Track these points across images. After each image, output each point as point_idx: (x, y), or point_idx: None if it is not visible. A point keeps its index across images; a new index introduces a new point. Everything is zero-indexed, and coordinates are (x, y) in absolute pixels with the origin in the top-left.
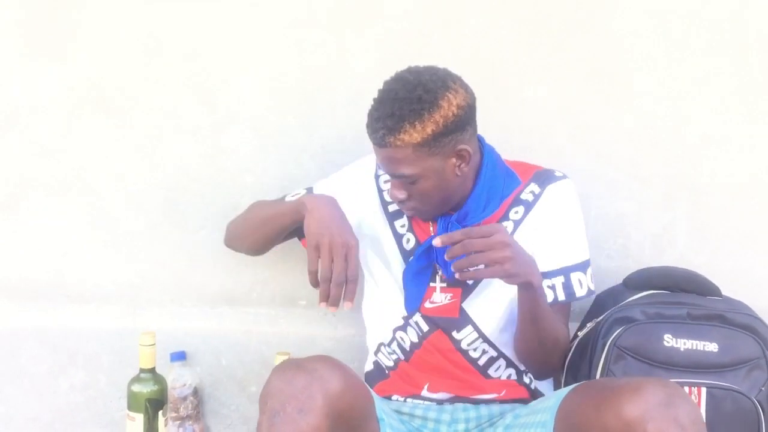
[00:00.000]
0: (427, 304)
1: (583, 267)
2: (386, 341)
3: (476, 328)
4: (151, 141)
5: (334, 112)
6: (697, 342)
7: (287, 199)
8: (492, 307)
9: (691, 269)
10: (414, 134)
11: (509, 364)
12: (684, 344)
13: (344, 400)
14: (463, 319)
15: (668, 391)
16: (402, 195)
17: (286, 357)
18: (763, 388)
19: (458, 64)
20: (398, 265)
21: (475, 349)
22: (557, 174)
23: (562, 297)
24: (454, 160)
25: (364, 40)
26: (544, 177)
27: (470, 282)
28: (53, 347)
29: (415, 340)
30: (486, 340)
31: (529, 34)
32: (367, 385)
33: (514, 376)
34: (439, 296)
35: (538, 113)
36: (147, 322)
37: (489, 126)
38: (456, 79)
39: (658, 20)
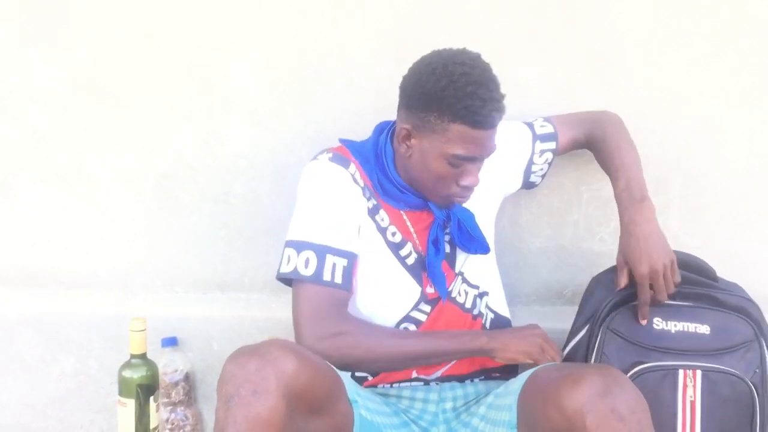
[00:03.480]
0: (428, 289)
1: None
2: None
3: (463, 278)
4: (146, 126)
5: (329, 100)
6: (688, 324)
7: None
8: (476, 261)
9: (685, 252)
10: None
11: (485, 294)
12: (675, 326)
13: (300, 381)
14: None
15: (606, 381)
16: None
17: None
18: (757, 370)
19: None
20: (390, 261)
21: (459, 294)
22: None
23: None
24: None
25: (360, 26)
26: None
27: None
28: (45, 334)
29: (423, 319)
30: (470, 284)
31: (526, 17)
32: (333, 367)
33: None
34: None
35: (533, 96)
36: (139, 308)
37: None
38: None
39: (655, 4)
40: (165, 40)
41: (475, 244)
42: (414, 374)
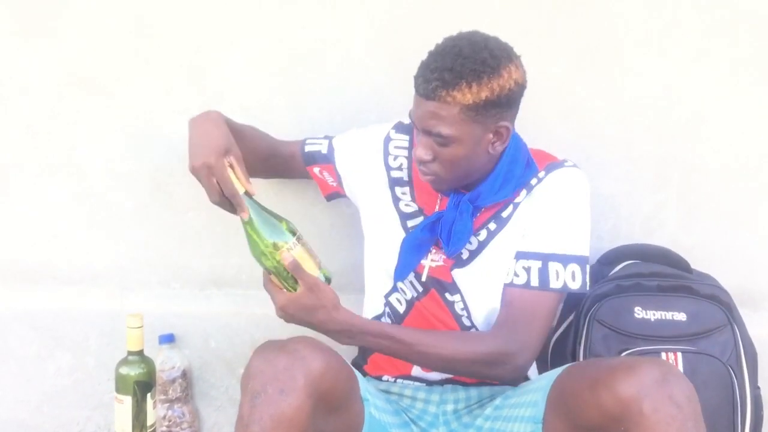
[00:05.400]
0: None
1: (564, 260)
2: (378, 313)
3: (463, 300)
4: (140, 121)
5: (323, 94)
6: (666, 312)
7: (307, 144)
8: (481, 282)
9: (662, 246)
10: (468, 95)
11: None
12: (654, 315)
13: (326, 381)
14: (454, 287)
15: (663, 369)
16: (428, 156)
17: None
18: (732, 353)
19: None
20: (396, 231)
21: (466, 317)
22: (567, 163)
23: (535, 283)
24: (491, 135)
25: (355, 21)
26: (553, 165)
27: (465, 257)
28: (41, 330)
29: (406, 302)
30: (470, 315)
31: (521, 13)
32: (351, 366)
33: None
34: (431, 261)
35: (529, 93)
36: (135, 304)
37: None
38: (518, 57)
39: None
40: (158, 34)
41: (450, 241)
42: (413, 372)
